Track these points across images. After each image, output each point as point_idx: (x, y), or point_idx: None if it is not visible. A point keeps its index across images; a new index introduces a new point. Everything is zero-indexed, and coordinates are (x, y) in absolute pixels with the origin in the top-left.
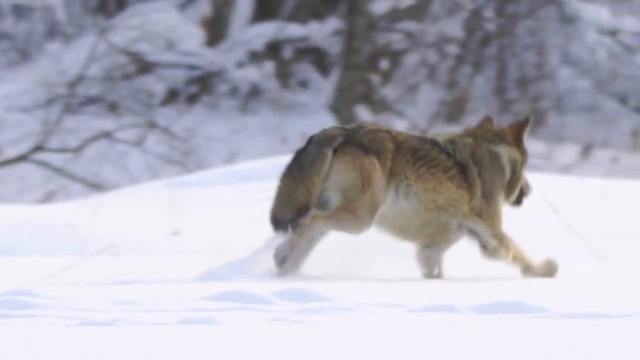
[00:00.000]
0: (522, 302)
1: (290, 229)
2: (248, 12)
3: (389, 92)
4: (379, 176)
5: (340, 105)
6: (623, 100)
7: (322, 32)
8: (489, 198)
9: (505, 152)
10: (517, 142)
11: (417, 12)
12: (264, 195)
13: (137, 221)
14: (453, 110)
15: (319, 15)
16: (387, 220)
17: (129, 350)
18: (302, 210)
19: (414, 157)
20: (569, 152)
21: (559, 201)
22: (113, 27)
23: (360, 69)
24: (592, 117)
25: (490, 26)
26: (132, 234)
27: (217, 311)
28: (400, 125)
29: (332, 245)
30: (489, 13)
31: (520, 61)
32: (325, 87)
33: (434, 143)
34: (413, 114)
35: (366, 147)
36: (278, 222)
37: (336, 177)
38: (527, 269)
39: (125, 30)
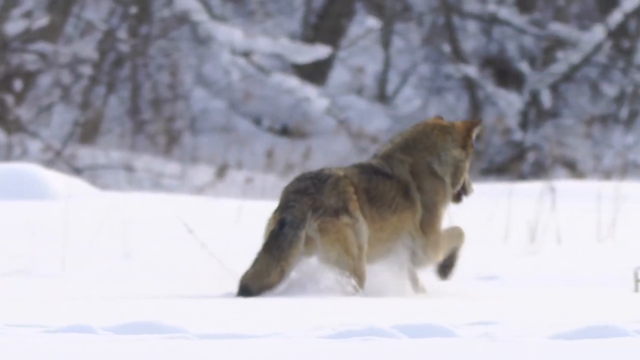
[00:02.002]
0: (159, 322)
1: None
2: None
3: (23, 112)
4: (353, 234)
5: None
6: (257, 120)
7: None
8: (430, 209)
9: (441, 160)
10: (465, 139)
11: (51, 33)
12: None
13: None
14: (87, 130)
15: None
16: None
17: None
18: (270, 288)
19: (368, 196)
20: (203, 173)
21: (194, 222)
22: None
23: None
24: (227, 137)
25: (124, 47)
26: None
27: None
28: (34, 146)
29: None
30: (122, 34)
31: (154, 82)
32: None
33: (375, 171)
34: (47, 134)
35: (335, 209)
36: (247, 290)
37: (324, 255)
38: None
39: None
